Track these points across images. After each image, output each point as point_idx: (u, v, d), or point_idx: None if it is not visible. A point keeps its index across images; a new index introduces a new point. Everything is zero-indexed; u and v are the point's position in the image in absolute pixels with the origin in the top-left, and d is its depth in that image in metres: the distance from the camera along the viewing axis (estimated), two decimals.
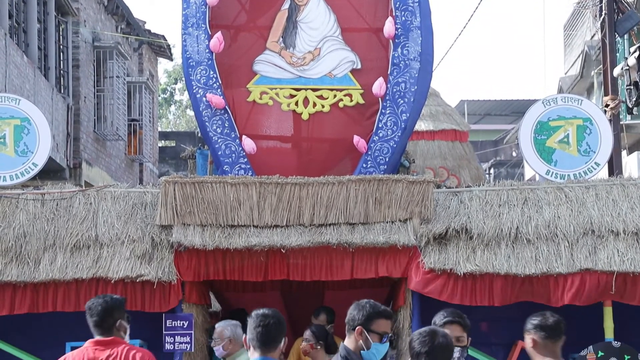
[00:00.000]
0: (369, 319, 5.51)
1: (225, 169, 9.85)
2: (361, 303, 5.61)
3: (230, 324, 8.20)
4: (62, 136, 17.62)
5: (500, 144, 37.76)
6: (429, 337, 4.52)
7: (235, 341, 8.05)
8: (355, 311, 5.57)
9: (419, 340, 4.52)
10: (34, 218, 9.30)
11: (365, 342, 5.48)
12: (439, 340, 4.51)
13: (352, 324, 5.54)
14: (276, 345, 5.39)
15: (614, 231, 9.13)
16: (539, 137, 10.05)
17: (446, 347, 4.50)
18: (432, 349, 4.44)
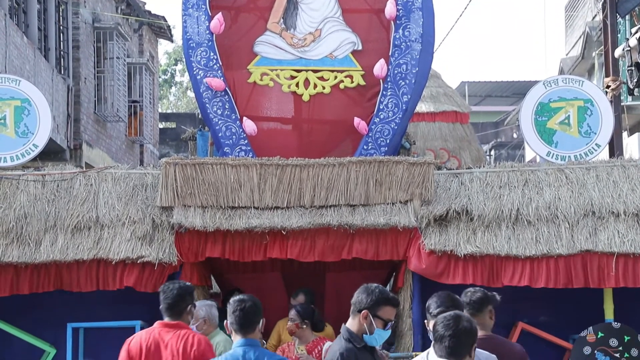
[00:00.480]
0: (377, 304, 5.51)
1: (226, 151, 9.84)
2: (371, 287, 5.60)
3: (205, 304, 8.14)
4: (63, 117, 17.60)
5: (501, 125, 37.73)
6: (453, 321, 4.53)
7: (210, 322, 7.99)
8: (363, 294, 5.56)
9: (443, 323, 4.53)
10: (34, 199, 9.31)
11: (369, 326, 5.49)
12: (464, 325, 4.52)
13: (359, 306, 5.54)
14: (254, 327, 5.78)
15: (615, 212, 9.14)
16: (539, 118, 10.04)
17: (470, 331, 4.51)
18: (456, 333, 4.46)
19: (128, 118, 22.03)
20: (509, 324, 9.56)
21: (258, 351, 5.75)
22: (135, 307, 9.18)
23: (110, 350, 9.22)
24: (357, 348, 5.53)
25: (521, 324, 9.33)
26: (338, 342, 5.59)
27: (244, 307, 5.83)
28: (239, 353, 5.73)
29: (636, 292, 9.15)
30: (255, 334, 5.83)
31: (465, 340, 4.47)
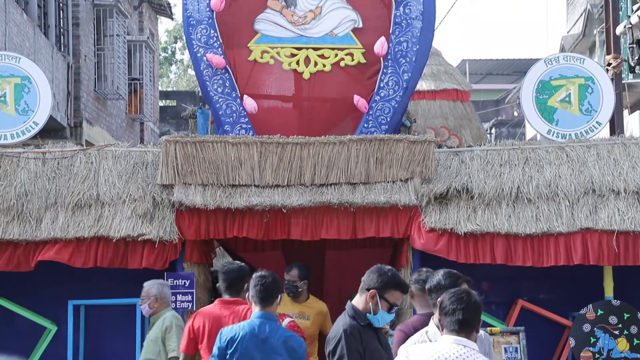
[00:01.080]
0: (386, 286, 5.51)
1: (227, 129, 9.83)
2: (384, 269, 5.60)
3: (157, 282, 8.14)
4: (63, 95, 17.57)
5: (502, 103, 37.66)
6: (465, 295, 4.55)
7: (162, 300, 7.98)
8: (375, 274, 5.55)
9: (454, 298, 4.53)
10: (35, 177, 9.32)
11: (374, 306, 5.50)
12: (475, 299, 4.54)
13: (368, 285, 5.53)
14: (273, 301, 6.26)
15: (615, 190, 9.14)
16: (540, 96, 10.03)
17: (480, 307, 4.53)
18: (468, 306, 4.47)
19: (128, 96, 21.98)
20: (509, 302, 9.59)
21: (273, 325, 6.18)
22: (137, 285, 9.20)
23: (111, 327, 9.29)
24: (361, 326, 5.55)
25: (521, 301, 9.36)
26: (342, 319, 5.60)
27: (265, 282, 6.25)
28: (255, 323, 6.18)
29: (636, 270, 9.17)
30: (272, 307, 6.25)
31: (476, 314, 4.48)
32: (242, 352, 6.09)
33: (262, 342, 6.12)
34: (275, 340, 6.14)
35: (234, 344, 6.14)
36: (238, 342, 6.12)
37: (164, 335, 7.76)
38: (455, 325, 4.46)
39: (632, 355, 9.02)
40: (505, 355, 8.46)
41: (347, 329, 5.46)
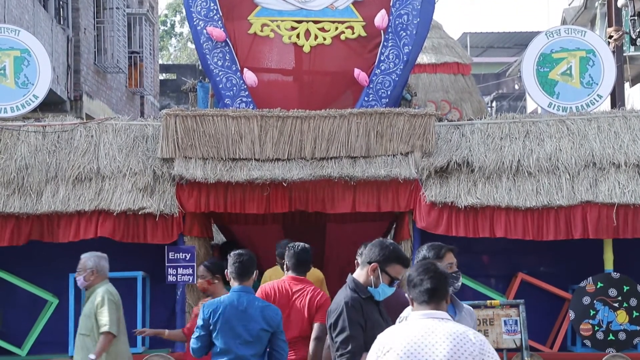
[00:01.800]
0: (388, 260, 5.52)
1: (227, 102, 9.82)
2: (385, 242, 5.60)
3: (94, 255, 8.02)
4: (63, 68, 17.52)
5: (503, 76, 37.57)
6: (431, 265, 4.54)
7: (98, 273, 7.89)
8: (377, 248, 5.55)
9: (420, 269, 4.53)
10: (35, 150, 9.31)
11: (375, 279, 5.50)
12: (440, 269, 4.53)
13: (369, 258, 5.54)
14: (249, 276, 6.78)
15: (615, 163, 9.14)
16: (541, 69, 10.00)
17: (446, 276, 4.53)
18: (435, 275, 4.47)
19: (128, 69, 21.92)
20: (509, 275, 9.62)
21: (250, 297, 6.74)
22: (137, 258, 9.24)
23: None
24: (362, 298, 5.56)
25: (521, 274, 9.38)
26: (343, 292, 5.60)
27: (242, 260, 6.78)
28: (234, 296, 6.72)
29: (636, 243, 9.18)
30: (249, 282, 6.80)
31: (443, 283, 4.48)
32: (224, 322, 6.60)
33: (241, 312, 6.65)
34: (253, 310, 6.67)
35: (216, 315, 6.63)
36: (220, 313, 6.62)
37: (96, 310, 7.66)
38: (424, 296, 4.45)
39: (632, 328, 9.06)
40: (505, 328, 8.50)
41: (348, 301, 5.47)
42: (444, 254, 5.81)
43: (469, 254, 9.79)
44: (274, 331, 6.69)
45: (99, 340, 7.56)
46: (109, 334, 7.55)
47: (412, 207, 9.10)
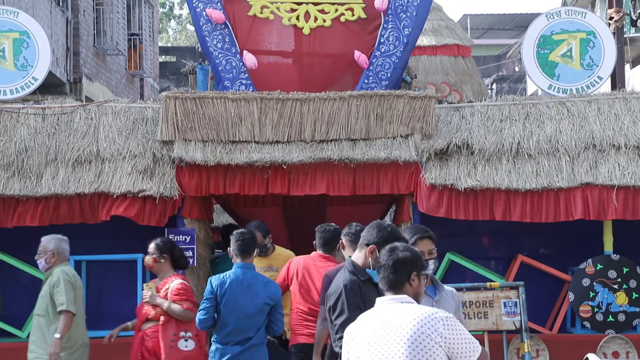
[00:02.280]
0: (386, 241, 5.51)
1: (226, 85, 9.80)
2: (383, 224, 5.61)
3: (55, 238, 8.06)
4: (62, 50, 17.49)
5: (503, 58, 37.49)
6: (389, 252, 4.56)
7: (59, 255, 7.93)
8: (375, 230, 5.56)
9: (383, 255, 4.56)
10: (35, 132, 9.31)
11: (374, 261, 5.51)
12: (397, 256, 4.54)
13: (367, 240, 5.55)
14: (251, 254, 7.37)
15: (615, 145, 9.13)
16: (541, 51, 9.98)
17: (405, 260, 4.53)
18: (392, 264, 4.49)
19: (128, 51, 21.88)
20: (509, 257, 9.63)
21: (253, 273, 7.34)
22: (137, 241, 9.24)
23: (112, 282, 9.34)
24: (361, 281, 5.58)
25: (521, 256, 9.39)
26: (342, 274, 5.62)
27: (244, 238, 7.37)
28: (239, 272, 7.31)
29: (636, 225, 9.19)
30: (250, 259, 7.38)
31: (399, 270, 4.49)
32: (230, 295, 7.19)
33: (246, 287, 7.25)
34: (257, 285, 7.28)
35: (223, 288, 7.24)
36: (227, 287, 7.23)
37: (52, 290, 7.72)
38: (384, 284, 4.51)
39: (631, 309, 9.08)
40: (505, 310, 8.52)
41: (347, 284, 5.48)
42: (415, 241, 5.80)
43: (468, 236, 9.82)
44: (274, 304, 7.32)
45: (60, 320, 7.66)
46: (68, 313, 7.66)
47: (412, 189, 9.11)
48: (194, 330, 7.65)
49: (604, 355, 8.73)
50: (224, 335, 7.24)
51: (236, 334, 7.23)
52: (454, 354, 4.25)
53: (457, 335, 4.25)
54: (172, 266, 7.88)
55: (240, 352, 7.23)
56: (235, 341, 7.24)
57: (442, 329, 4.22)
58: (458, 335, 4.25)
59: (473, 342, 4.30)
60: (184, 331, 7.66)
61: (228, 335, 7.23)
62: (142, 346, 7.76)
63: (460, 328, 4.28)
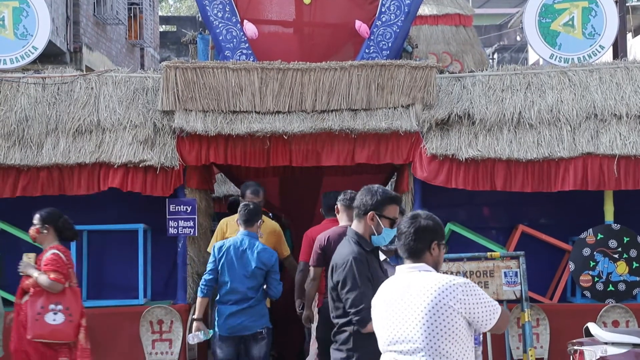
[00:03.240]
0: (381, 204, 5.53)
1: (227, 54, 9.76)
2: (372, 188, 5.61)
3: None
4: (62, 20, 17.42)
5: (505, 28, 37.33)
6: (411, 219, 4.56)
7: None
8: (367, 196, 5.56)
9: (404, 222, 4.57)
10: (35, 102, 9.29)
11: (376, 227, 5.51)
12: (419, 223, 4.53)
13: (364, 208, 5.54)
14: (254, 223, 8.03)
15: (617, 115, 9.11)
16: (543, 20, 9.93)
17: (424, 229, 4.53)
18: (413, 231, 4.50)
19: (128, 21, 21.77)
20: (509, 227, 9.64)
21: (252, 241, 7.98)
22: (138, 211, 9.26)
23: (113, 252, 9.36)
24: (367, 251, 5.57)
25: (521, 226, 9.40)
26: (348, 246, 5.58)
27: (248, 209, 8.03)
28: (239, 238, 8.01)
29: (636, 194, 9.19)
30: (253, 228, 8.03)
31: (420, 239, 4.50)
32: (228, 259, 7.89)
33: (241, 252, 7.92)
34: (251, 252, 7.91)
35: (222, 252, 7.94)
36: (225, 251, 7.92)
37: None
38: (403, 252, 4.52)
39: (631, 278, 9.10)
40: (505, 280, 8.54)
41: (356, 256, 5.45)
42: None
43: (469, 206, 9.82)
44: (268, 270, 7.93)
45: None
46: None
47: (413, 159, 9.10)
48: (65, 304, 7.43)
49: (604, 324, 8.76)
50: (223, 294, 7.93)
51: (233, 293, 7.88)
52: (474, 319, 4.29)
53: (476, 300, 4.28)
54: (56, 237, 7.68)
55: (237, 311, 7.86)
56: (233, 300, 7.88)
57: (460, 295, 4.25)
58: (477, 300, 4.28)
59: (492, 305, 4.33)
60: (54, 304, 7.43)
61: (226, 294, 7.90)
62: (18, 319, 7.58)
63: (479, 293, 4.30)
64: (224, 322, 7.87)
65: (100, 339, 8.82)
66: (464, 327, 4.27)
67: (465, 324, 4.27)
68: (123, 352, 8.90)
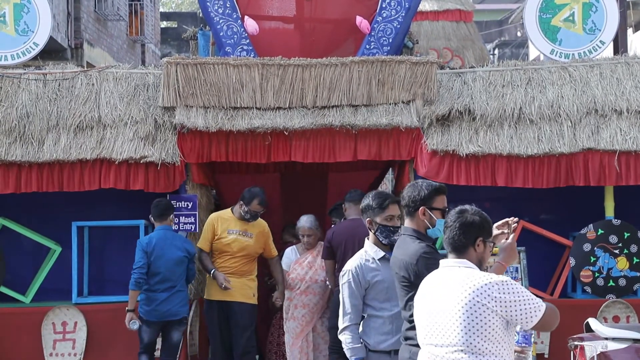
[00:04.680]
0: (430, 197, 5.54)
1: (228, 50, 9.76)
2: (417, 184, 5.62)
3: None
4: (63, 16, 17.41)
5: (505, 23, 37.30)
6: (457, 214, 4.58)
7: None
8: (414, 192, 5.56)
9: (451, 216, 4.58)
10: (36, 98, 9.30)
11: (429, 220, 5.51)
12: (465, 219, 4.55)
13: (413, 205, 5.55)
14: (167, 217, 8.62)
15: (617, 110, 9.12)
16: (544, 15, 9.94)
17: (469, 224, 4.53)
18: (456, 225, 4.51)
19: (129, 17, 21.78)
20: None
21: (172, 232, 8.67)
22: (139, 207, 9.26)
23: (114, 248, 9.37)
24: (429, 246, 5.56)
25: (522, 222, 9.41)
26: (411, 244, 5.52)
27: (161, 204, 8.63)
28: (161, 233, 8.54)
29: (637, 190, 9.20)
30: (167, 221, 8.61)
31: (463, 234, 4.49)
32: (158, 248, 8.41)
33: (170, 242, 8.49)
34: (177, 241, 8.57)
35: (151, 245, 8.42)
36: (154, 245, 8.42)
37: None
38: (448, 246, 4.52)
39: (632, 274, 9.11)
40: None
41: (425, 251, 5.39)
42: (387, 205, 5.87)
43: (469, 202, 9.79)
44: (190, 257, 8.56)
45: None
46: None
47: (414, 155, 9.10)
48: None
49: (604, 319, 8.77)
50: (154, 283, 8.40)
51: (164, 281, 8.41)
52: (512, 317, 4.25)
53: (515, 298, 4.23)
54: None
55: (167, 298, 8.42)
56: (162, 288, 8.41)
57: (496, 293, 4.22)
58: (515, 298, 4.23)
59: (534, 302, 4.27)
60: None
61: (157, 283, 8.40)
62: None
63: (519, 290, 4.25)
64: (155, 309, 8.41)
65: (101, 334, 8.86)
66: (501, 325, 4.24)
67: (501, 322, 4.24)
68: (124, 347, 8.92)
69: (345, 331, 5.89)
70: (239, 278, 8.75)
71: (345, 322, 5.88)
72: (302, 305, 8.93)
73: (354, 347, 5.83)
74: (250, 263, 8.88)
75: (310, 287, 8.93)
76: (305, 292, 8.92)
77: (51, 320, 8.93)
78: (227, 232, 8.79)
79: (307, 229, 8.98)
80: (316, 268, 8.93)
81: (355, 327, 5.90)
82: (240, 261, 8.80)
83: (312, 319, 8.94)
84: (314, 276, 8.93)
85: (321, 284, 8.92)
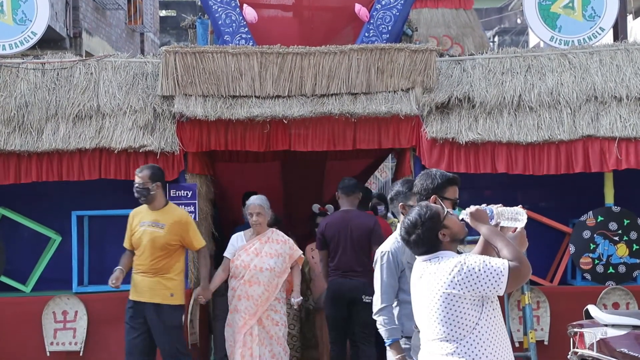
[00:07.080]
0: (442, 186, 5.56)
1: (226, 39, 9.74)
2: (431, 172, 5.64)
3: None
4: (61, 4, 17.36)
5: (505, 11, 37.23)
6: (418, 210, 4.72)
7: None
8: (427, 181, 5.59)
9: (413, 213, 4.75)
10: (35, 88, 9.29)
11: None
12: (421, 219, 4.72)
13: (425, 193, 5.57)
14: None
15: (617, 97, 9.10)
16: (543, 2, 9.91)
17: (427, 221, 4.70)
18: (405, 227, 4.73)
19: (127, 6, 21.73)
20: None
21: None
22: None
23: (114, 237, 9.36)
24: None
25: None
26: None
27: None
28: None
29: (636, 176, 9.20)
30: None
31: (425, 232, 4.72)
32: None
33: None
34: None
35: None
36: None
37: None
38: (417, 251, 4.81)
39: (632, 261, 9.12)
40: None
41: None
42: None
43: (470, 189, 9.81)
44: None
45: None
46: None
47: (413, 143, 9.10)
48: None
49: (604, 306, 8.78)
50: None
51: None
52: (483, 292, 4.44)
53: (476, 275, 4.42)
54: None
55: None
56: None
57: (461, 279, 4.42)
58: (477, 275, 4.41)
59: (494, 269, 4.43)
60: None
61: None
62: None
63: (476, 265, 4.42)
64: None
65: (102, 323, 8.86)
66: (476, 307, 4.45)
67: (477, 304, 4.45)
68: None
69: (382, 312, 5.91)
70: (152, 277, 8.14)
71: (383, 302, 5.93)
72: (245, 297, 8.28)
73: (391, 329, 5.86)
74: (167, 259, 8.18)
75: (254, 276, 8.27)
76: (249, 281, 8.27)
77: (52, 309, 8.95)
78: (140, 225, 8.22)
79: (257, 206, 8.35)
80: (262, 255, 8.32)
81: (392, 308, 5.93)
82: (152, 257, 8.14)
83: (257, 312, 8.27)
84: (259, 264, 8.30)
85: (267, 273, 8.29)
